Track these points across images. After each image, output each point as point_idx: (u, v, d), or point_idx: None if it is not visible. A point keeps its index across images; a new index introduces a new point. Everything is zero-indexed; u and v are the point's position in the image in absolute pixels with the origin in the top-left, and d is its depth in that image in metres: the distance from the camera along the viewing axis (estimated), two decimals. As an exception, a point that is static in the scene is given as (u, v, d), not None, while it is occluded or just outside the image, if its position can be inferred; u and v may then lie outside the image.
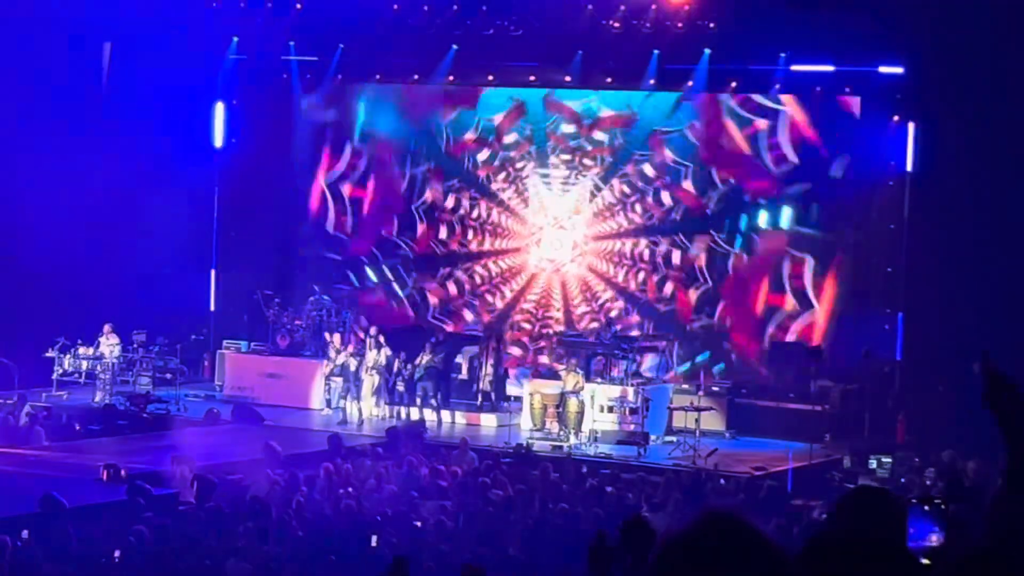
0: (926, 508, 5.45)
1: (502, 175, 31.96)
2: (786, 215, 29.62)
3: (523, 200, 31.83)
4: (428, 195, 32.56)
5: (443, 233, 32.58)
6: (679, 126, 30.46)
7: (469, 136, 32.21)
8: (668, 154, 30.46)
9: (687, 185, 30.37)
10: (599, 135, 31.11)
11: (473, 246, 32.38)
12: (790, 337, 29.46)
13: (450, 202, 32.46)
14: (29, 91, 29.61)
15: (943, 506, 5.45)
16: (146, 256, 30.56)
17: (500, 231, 32.13)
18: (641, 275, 30.78)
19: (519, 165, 31.79)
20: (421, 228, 32.66)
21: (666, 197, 30.57)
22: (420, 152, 32.69)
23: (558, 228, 31.45)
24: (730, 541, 4.06)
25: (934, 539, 5.46)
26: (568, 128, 31.34)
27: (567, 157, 31.36)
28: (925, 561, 5.39)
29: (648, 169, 30.67)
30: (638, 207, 30.83)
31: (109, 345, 30.00)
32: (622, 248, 31.02)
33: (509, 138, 31.86)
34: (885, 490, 4.89)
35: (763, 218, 29.80)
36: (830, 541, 4.45)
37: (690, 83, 29.72)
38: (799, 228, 29.51)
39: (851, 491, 5.26)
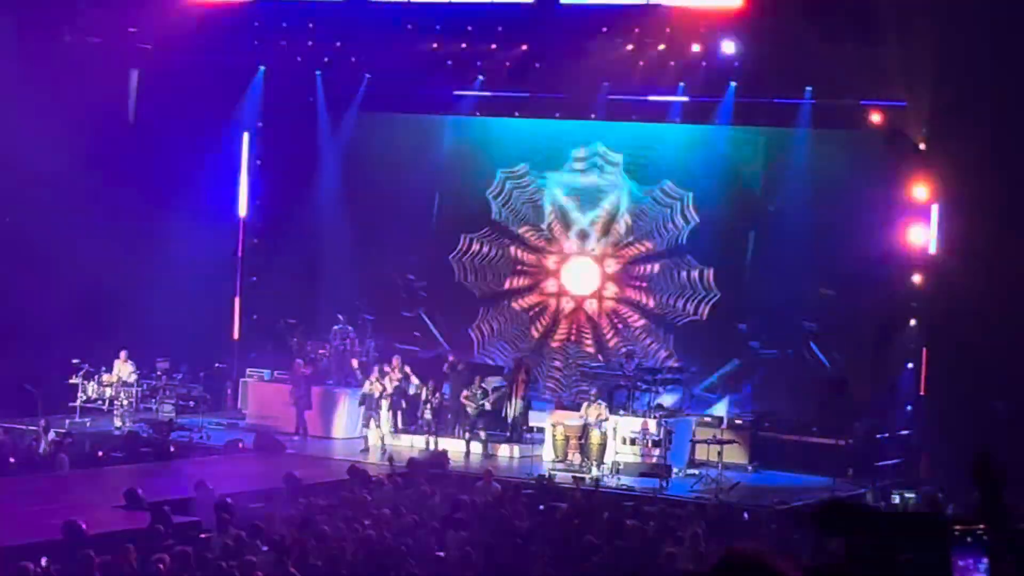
0: (969, 539, 5.38)
1: (521, 211, 32.16)
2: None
3: (544, 236, 31.96)
4: (462, 245, 32.77)
5: (469, 276, 32.72)
6: (694, 150, 30.70)
7: (490, 177, 32.43)
8: (681, 178, 30.72)
9: (694, 208, 30.69)
10: (613, 160, 31.27)
11: (495, 286, 32.61)
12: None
13: (473, 245, 32.62)
14: (54, 119, 29.41)
15: (985, 536, 5.37)
16: (170, 283, 30.53)
17: (524, 269, 32.30)
18: (668, 298, 30.92)
19: (535, 198, 31.98)
20: (451, 270, 32.89)
21: (686, 217, 30.80)
22: (446, 194, 32.87)
23: (582, 258, 31.53)
24: None
25: (982, 568, 5.41)
26: (580, 155, 31.57)
27: (586, 183, 31.54)
28: None
29: (667, 191, 30.89)
30: (660, 230, 31.01)
31: (126, 371, 30.11)
32: (647, 272, 31.19)
33: (521, 170, 32.07)
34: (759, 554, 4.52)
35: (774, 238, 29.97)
36: None
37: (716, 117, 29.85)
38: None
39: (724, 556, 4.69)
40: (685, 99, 29.94)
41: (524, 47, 30.49)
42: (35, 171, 29.32)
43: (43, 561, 16.96)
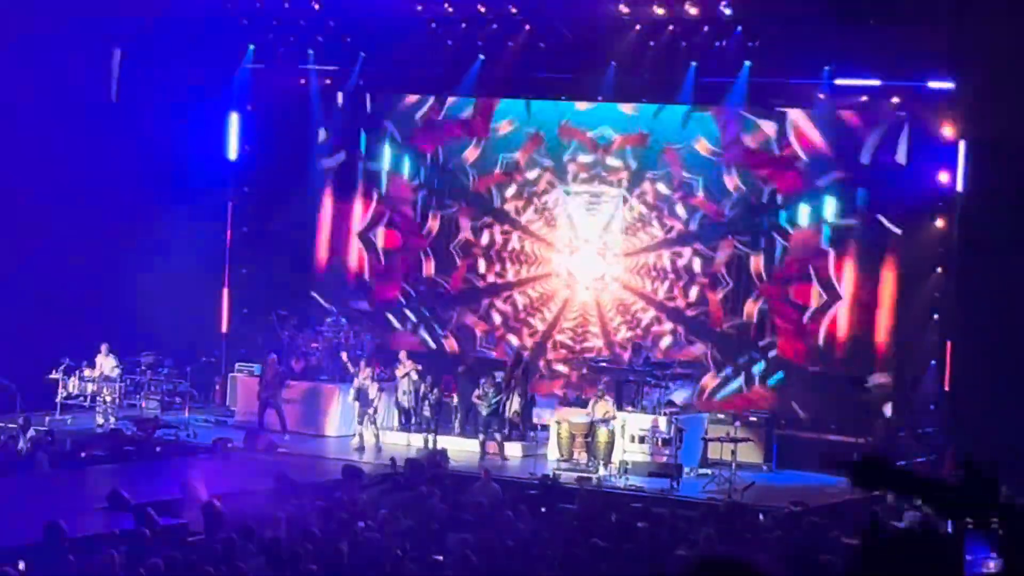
0: (983, 534, 5.57)
1: (527, 205, 31.64)
2: (804, 213, 29.09)
3: (551, 228, 31.40)
4: (462, 235, 32.17)
5: (471, 267, 32.16)
6: (688, 140, 29.97)
7: (496, 172, 31.76)
8: (681, 169, 30.05)
9: (702, 195, 29.92)
10: (614, 159, 30.70)
11: (493, 278, 32.00)
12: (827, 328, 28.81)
13: (482, 237, 32.06)
14: (36, 101, 29.27)
15: (1000, 531, 5.40)
16: (156, 274, 30.02)
17: (531, 260, 31.71)
18: (691, 289, 30.16)
19: (542, 194, 31.45)
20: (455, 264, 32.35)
21: (683, 209, 30.21)
22: (444, 191, 32.25)
23: (588, 252, 30.95)
24: None
25: (991, 565, 5.29)
26: (585, 156, 30.97)
27: (587, 181, 31.02)
28: None
29: (663, 186, 30.26)
30: (660, 222, 30.41)
31: (108, 366, 29.89)
32: (654, 263, 30.51)
33: (531, 172, 31.53)
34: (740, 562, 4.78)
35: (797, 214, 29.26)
36: None
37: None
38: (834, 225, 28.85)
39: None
40: (696, 80, 29.16)
41: (528, 27, 29.97)
42: (12, 154, 28.98)
43: (20, 565, 16.67)
